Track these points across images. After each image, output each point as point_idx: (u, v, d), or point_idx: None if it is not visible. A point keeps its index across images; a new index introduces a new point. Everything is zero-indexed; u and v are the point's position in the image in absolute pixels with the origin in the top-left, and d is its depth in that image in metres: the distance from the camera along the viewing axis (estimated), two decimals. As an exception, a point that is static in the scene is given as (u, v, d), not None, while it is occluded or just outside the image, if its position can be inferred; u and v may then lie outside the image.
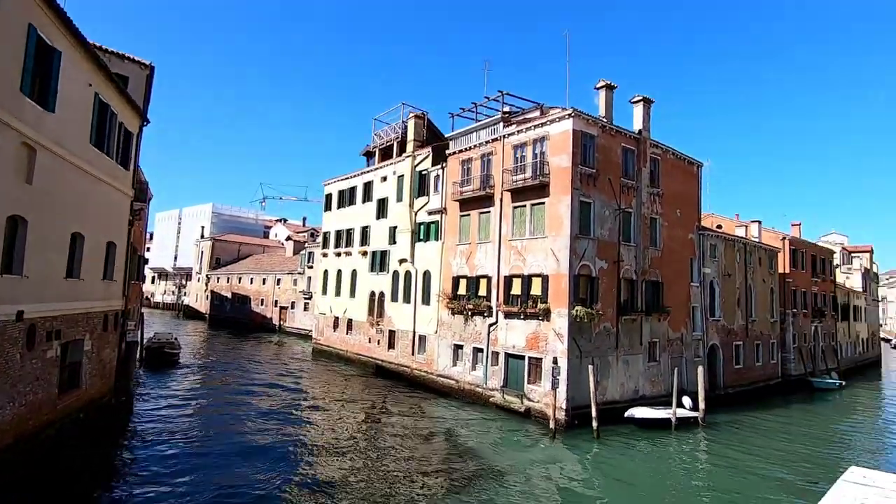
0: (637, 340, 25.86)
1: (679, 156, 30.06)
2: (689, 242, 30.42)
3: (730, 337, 33.03)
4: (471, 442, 20.15)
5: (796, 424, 27.38)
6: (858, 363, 55.16)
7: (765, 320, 37.38)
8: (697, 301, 30.42)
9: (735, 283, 34.10)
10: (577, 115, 23.75)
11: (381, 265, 36.45)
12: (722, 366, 31.80)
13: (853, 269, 61.03)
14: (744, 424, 25.76)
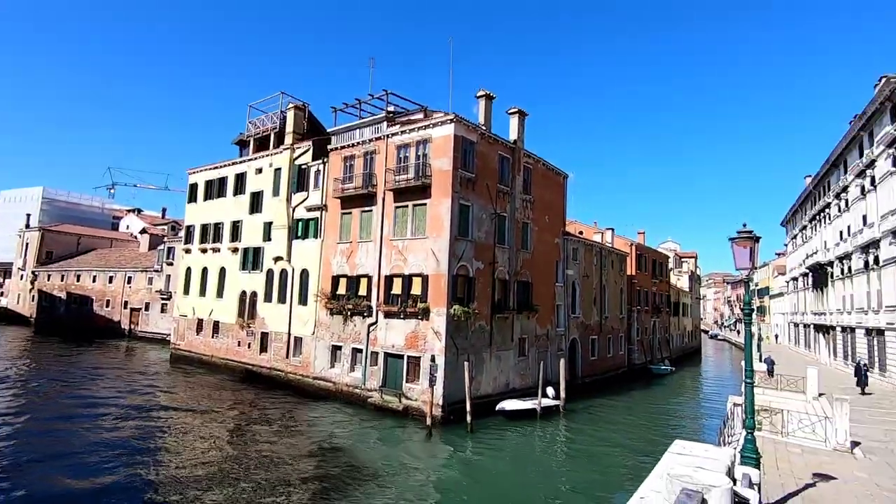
0: (509, 337, 27.56)
1: (549, 166, 32.71)
2: (556, 246, 33.27)
3: (587, 332, 36.81)
4: (347, 444, 19.73)
5: (638, 406, 31.44)
6: (685, 351, 65.24)
7: (615, 316, 42.33)
8: (561, 300, 33.39)
9: (592, 284, 38.11)
10: (458, 120, 24.59)
11: (255, 263, 34.06)
12: (580, 358, 35.31)
13: (683, 272, 71.98)
14: (597, 409, 28.86)
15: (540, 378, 26.37)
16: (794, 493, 8.51)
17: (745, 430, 8.01)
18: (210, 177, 39.20)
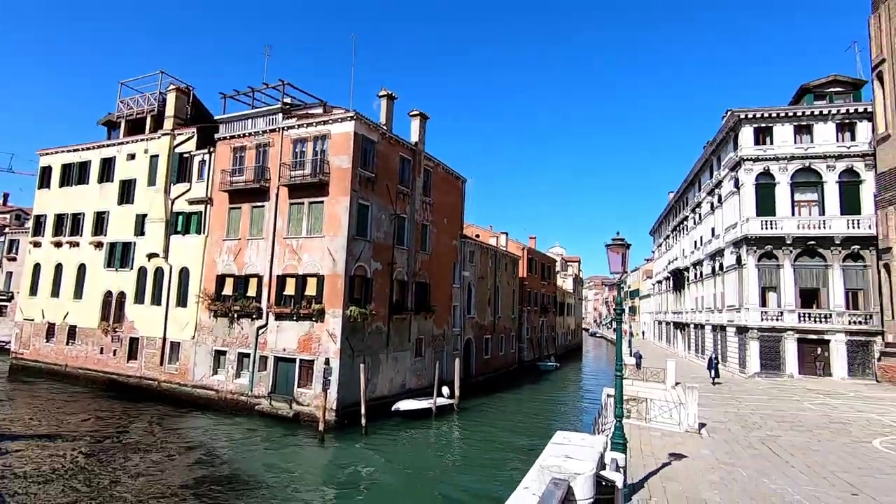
0: (406, 338, 27.63)
1: (448, 170, 33.44)
2: (453, 248, 34.09)
3: (482, 331, 38.21)
4: (230, 455, 18.34)
5: (527, 400, 33.33)
6: (569, 348, 70.60)
7: (508, 317, 44.48)
8: (458, 300, 34.28)
9: (487, 285, 39.66)
10: (359, 118, 24.14)
11: (124, 260, 30.35)
12: (475, 357, 36.54)
13: (568, 275, 77.83)
14: (490, 405, 30.06)
15: (435, 378, 26.81)
16: (653, 472, 9.59)
17: (615, 418, 8.86)
18: (68, 160, 34.20)
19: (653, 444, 12.07)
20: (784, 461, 10.68)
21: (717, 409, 17.16)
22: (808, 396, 20.44)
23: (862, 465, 10.34)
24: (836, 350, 26.53)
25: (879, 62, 25.86)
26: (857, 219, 26.94)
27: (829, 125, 28.25)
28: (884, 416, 16.01)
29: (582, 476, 3.00)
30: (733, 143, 30.40)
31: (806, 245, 27.50)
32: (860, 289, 26.99)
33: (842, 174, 27.71)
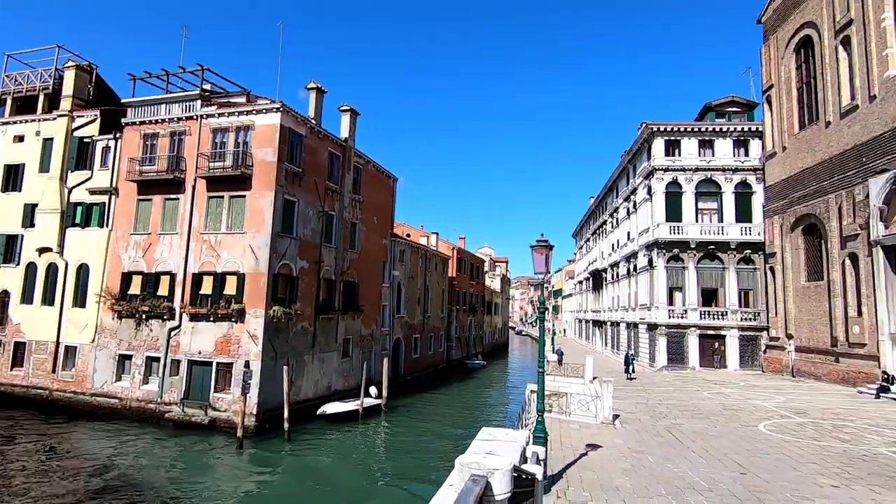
0: (333, 338, 26.94)
1: (379, 168, 33.05)
2: (383, 247, 33.75)
3: (411, 331, 38.16)
4: (134, 469, 16.86)
5: (455, 398, 33.74)
6: (495, 346, 72.42)
7: (437, 316, 44.79)
8: (387, 300, 33.99)
9: (417, 285, 39.68)
10: (286, 110, 23.18)
11: (8, 255, 26.97)
12: (404, 356, 36.42)
13: (496, 275, 79.82)
14: (418, 405, 30.08)
15: (363, 378, 26.36)
16: (572, 463, 10.07)
17: (537, 413, 9.20)
18: (-61, 139, 29.77)
19: (572, 436, 12.66)
20: (686, 447, 11.63)
21: (630, 401, 18.36)
22: (706, 386, 22.45)
23: (749, 447, 11.52)
24: (731, 344, 29.39)
25: (768, 87, 29.00)
26: (749, 226, 30.03)
27: (727, 141, 31.25)
28: (767, 402, 17.95)
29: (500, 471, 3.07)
30: (647, 154, 32.73)
31: (707, 249, 30.24)
32: (751, 289, 30.11)
33: (737, 185, 30.76)
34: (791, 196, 26.46)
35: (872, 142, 20.77)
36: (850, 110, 22.28)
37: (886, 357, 19.81)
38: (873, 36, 21.10)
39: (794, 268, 26.32)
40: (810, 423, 14.36)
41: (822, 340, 23.71)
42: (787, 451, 11.19)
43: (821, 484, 8.77)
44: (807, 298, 25.14)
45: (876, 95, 20.81)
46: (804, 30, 25.92)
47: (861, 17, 21.72)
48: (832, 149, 23.37)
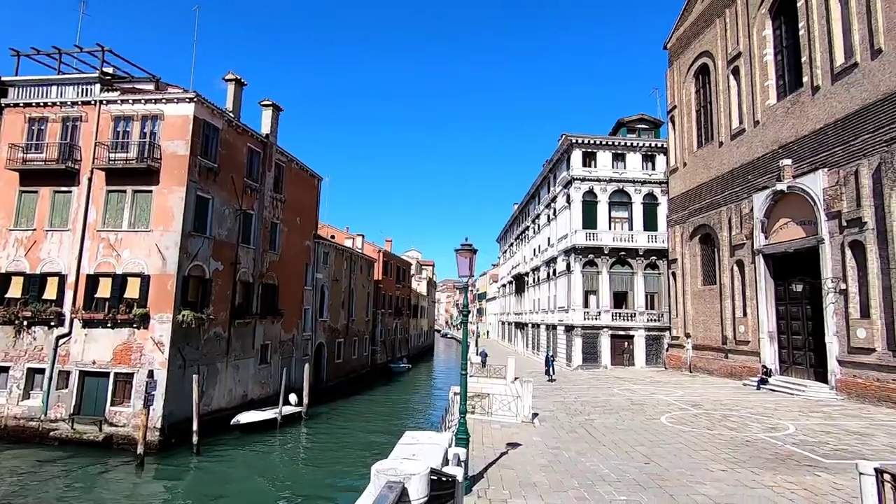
0: (250, 344, 25.55)
1: (303, 167, 31.93)
2: (306, 249, 32.61)
3: (334, 335, 37.17)
4: (14, 496, 14.84)
5: (379, 403, 33.30)
6: (420, 349, 72.55)
7: (361, 319, 44.02)
8: (309, 303, 32.86)
9: (341, 287, 38.76)
10: (200, 100, 21.71)
11: None
12: (326, 361, 35.37)
13: (423, 278, 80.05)
14: (341, 411, 29.32)
15: (282, 385, 25.25)
16: (493, 462, 10.30)
17: (460, 414, 9.30)
18: None
19: (493, 435, 12.95)
20: (597, 441, 12.33)
21: (548, 400, 19.16)
22: (617, 383, 24.00)
23: (653, 439, 12.45)
24: (638, 344, 31.69)
25: (672, 108, 31.73)
26: (655, 234, 32.60)
27: (637, 155, 33.76)
28: (668, 396, 19.54)
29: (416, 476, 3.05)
30: (567, 164, 34.49)
31: (619, 255, 32.41)
32: (656, 292, 32.68)
33: (645, 197, 33.30)
34: (690, 208, 29.09)
35: (756, 161, 23.40)
36: (739, 133, 24.96)
37: (765, 353, 22.35)
38: (757, 68, 23.83)
39: (692, 273, 28.94)
40: (704, 413, 15.81)
41: (714, 339, 26.24)
42: (685, 440, 12.23)
43: (712, 469, 9.67)
44: (702, 301, 27.74)
45: (759, 121, 23.49)
46: (702, 58, 28.68)
47: (748, 51, 24.45)
48: (724, 167, 26.03)
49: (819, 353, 19.62)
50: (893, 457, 10.27)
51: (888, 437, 12.15)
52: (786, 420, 14.46)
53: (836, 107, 18.90)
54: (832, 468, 9.58)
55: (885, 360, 16.34)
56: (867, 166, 17.26)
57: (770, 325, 22.41)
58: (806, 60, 20.61)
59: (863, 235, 17.27)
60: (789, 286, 21.46)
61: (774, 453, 10.80)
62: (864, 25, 17.82)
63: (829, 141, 19.07)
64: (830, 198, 18.71)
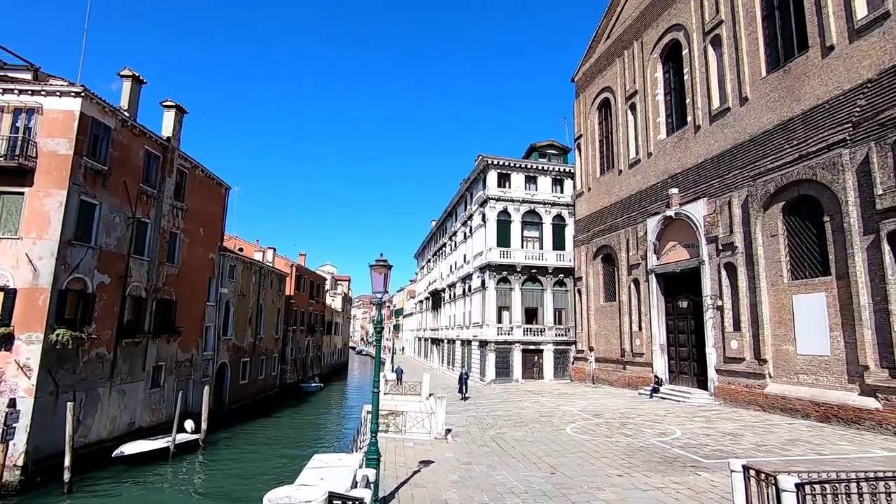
0: (139, 366, 23.13)
1: (209, 174, 29.93)
2: (210, 262, 30.41)
3: (239, 354, 34.80)
4: None
5: (287, 426, 31.52)
6: (334, 367, 70.18)
7: (270, 337, 41.72)
8: (212, 320, 30.54)
9: (249, 303, 36.53)
10: (89, 96, 19.64)
11: None
12: (230, 383, 32.94)
13: (337, 294, 77.91)
14: (244, 436, 27.33)
15: (177, 410, 23.05)
16: (405, 481, 10.13)
17: (371, 434, 9.07)
18: None
19: (406, 454, 12.77)
20: (507, 454, 12.63)
21: (462, 415, 19.33)
22: (527, 396, 24.86)
23: (559, 449, 13.01)
24: (547, 358, 33.17)
25: (579, 136, 34.16)
26: (563, 253, 34.58)
27: (547, 178, 35.79)
28: (573, 407, 20.60)
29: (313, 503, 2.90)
30: (483, 184, 35.65)
31: (530, 272, 33.91)
32: (563, 308, 34.53)
33: (554, 218, 35.30)
34: (593, 229, 31.30)
35: (650, 189, 25.81)
36: (635, 163, 27.42)
37: (657, 364, 24.41)
38: (650, 106, 26.46)
39: (596, 290, 31.01)
40: (604, 422, 16.85)
41: (614, 352, 28.20)
42: (587, 448, 12.92)
43: (610, 475, 10.29)
44: (604, 316, 29.76)
45: (652, 153, 26.01)
46: (604, 93, 31.30)
47: (643, 90, 27.09)
48: (623, 193, 28.39)
49: (701, 363, 21.81)
50: (760, 454, 11.61)
51: (755, 437, 13.73)
52: (674, 425, 15.83)
53: (713, 144, 21.47)
54: (711, 467, 10.60)
55: (752, 367, 18.55)
56: (738, 197, 19.73)
57: (661, 338, 24.55)
58: (690, 102, 23.26)
59: (735, 258, 19.62)
60: (677, 303, 23.72)
61: (664, 457, 11.75)
62: (735, 76, 20.55)
63: (708, 174, 21.58)
64: (709, 224, 21.10)
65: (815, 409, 15.82)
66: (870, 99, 14.91)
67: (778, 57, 18.89)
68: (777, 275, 18.02)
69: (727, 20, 21.07)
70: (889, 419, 13.68)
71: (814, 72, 16.93)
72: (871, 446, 12.45)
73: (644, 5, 27.25)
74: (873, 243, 14.54)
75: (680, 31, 24.21)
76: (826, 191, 16.21)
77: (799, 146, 17.17)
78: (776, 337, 17.80)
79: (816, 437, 13.49)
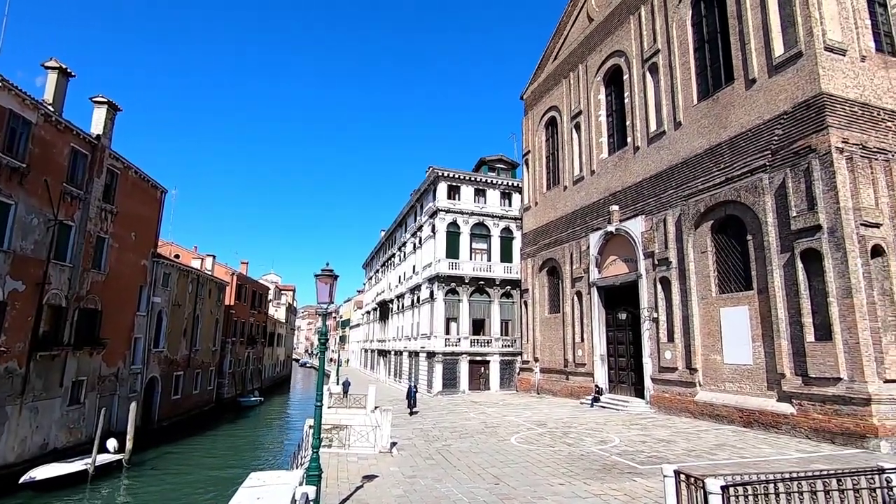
0: (57, 381, 21.23)
1: (143, 176, 28.24)
2: (142, 269, 28.58)
3: (171, 367, 32.76)
4: None
5: (223, 443, 29.87)
6: (277, 380, 67.54)
7: (207, 349, 39.61)
8: (142, 331, 28.61)
9: (184, 314, 34.56)
10: (7, 86, 18.07)
11: None
12: (160, 398, 30.88)
13: (281, 304, 75.37)
14: (174, 455, 25.62)
15: (98, 430, 21.29)
16: (347, 498, 9.84)
17: (312, 449, 8.76)
18: None
19: (349, 469, 12.43)
20: (453, 466, 12.58)
21: (407, 428, 19.10)
22: (473, 408, 24.95)
23: (503, 459, 13.12)
24: (494, 368, 33.52)
25: (527, 152, 35.15)
26: (510, 266, 35.25)
27: (496, 192, 36.50)
28: (518, 418, 20.89)
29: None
30: (433, 195, 35.84)
31: (478, 284, 34.28)
32: (510, 319, 35.12)
33: (502, 231, 35.99)
34: (540, 243, 32.16)
35: (592, 206, 26.90)
36: (579, 180, 28.53)
37: (598, 374, 25.27)
38: (594, 126, 27.70)
39: (541, 302, 31.78)
40: (547, 432, 17.18)
41: (558, 362, 28.93)
42: (530, 458, 13.11)
43: (552, 483, 10.48)
44: (549, 328, 30.52)
45: (595, 171, 27.17)
46: (551, 111, 32.46)
47: (587, 111, 28.33)
48: (567, 208, 29.42)
49: (638, 372, 22.80)
50: (690, 459, 12.23)
51: (686, 443, 14.46)
52: (613, 433, 16.39)
53: (650, 165, 22.74)
54: (646, 473, 11.04)
55: (683, 377, 19.60)
56: (672, 215, 20.95)
57: (602, 349, 25.47)
58: (630, 124, 24.55)
59: (669, 272, 20.76)
60: (617, 315, 24.73)
61: (603, 464, 12.12)
62: (670, 102, 21.93)
63: (646, 193, 22.79)
64: (646, 240, 22.24)
65: (739, 415, 16.90)
66: (786, 129, 16.35)
67: (708, 86, 20.37)
68: (706, 289, 19.22)
69: (663, 50, 22.52)
70: (802, 423, 14.83)
71: (739, 102, 18.37)
72: (787, 448, 13.43)
73: (589, 31, 28.64)
74: (789, 261, 15.84)
75: (621, 58, 25.59)
76: (749, 211, 17.54)
77: (725, 170, 18.51)
78: (705, 347, 18.93)
79: (740, 442, 14.40)
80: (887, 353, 13.84)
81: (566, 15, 31.34)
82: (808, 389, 14.85)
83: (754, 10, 17.92)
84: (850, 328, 14.00)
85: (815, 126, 15.34)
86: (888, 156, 15.51)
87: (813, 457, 12.39)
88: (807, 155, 15.51)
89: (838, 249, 14.46)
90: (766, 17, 17.38)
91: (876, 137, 15.52)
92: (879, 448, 12.86)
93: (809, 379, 14.85)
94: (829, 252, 14.62)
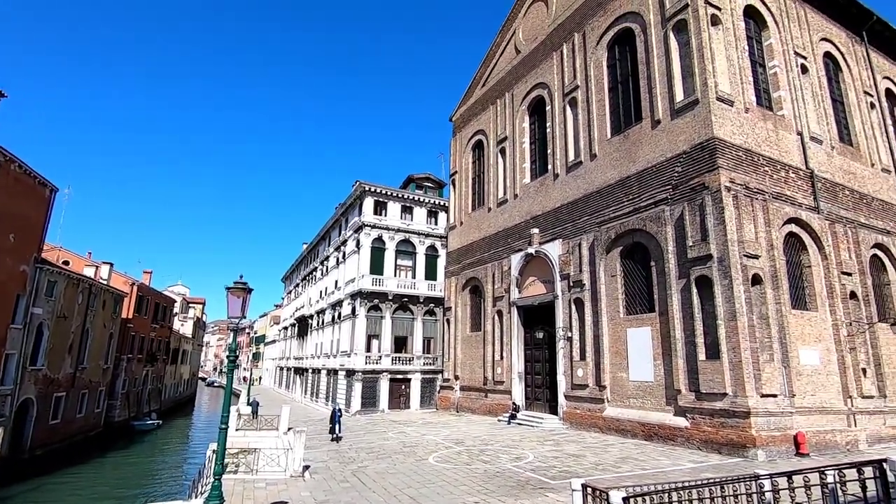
0: None
1: (28, 171, 25.22)
2: (21, 275, 25.29)
3: (51, 388, 29.04)
4: None
5: (110, 473, 26.80)
6: (178, 401, 62.09)
7: (97, 367, 35.65)
8: (16, 346, 25.17)
9: (71, 327, 30.93)
10: None
11: None
12: (34, 423, 27.18)
13: (188, 318, 69.95)
14: (50, 488, 22.56)
15: (-48, 462, 18.27)
16: (251, 529, 9.17)
17: (214, 476, 8.11)
18: None
19: (256, 496, 11.65)
20: (368, 488, 12.22)
21: (322, 449, 18.33)
22: (392, 427, 24.52)
23: (420, 480, 12.96)
24: (415, 387, 33.26)
25: (454, 173, 35.90)
26: (434, 283, 35.47)
27: (423, 210, 36.78)
28: (437, 436, 20.82)
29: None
30: (359, 210, 35.37)
31: (402, 301, 34.08)
32: (432, 337, 35.18)
33: (428, 248, 36.22)
34: (464, 262, 32.74)
35: (514, 228, 27.93)
36: (503, 202, 29.57)
37: (515, 391, 25.94)
38: (518, 152, 28.96)
39: (463, 320, 32.21)
40: (465, 450, 17.27)
41: (478, 380, 29.34)
42: (448, 477, 13.08)
43: (468, 502, 10.51)
44: (470, 345, 30.95)
45: (517, 195, 28.31)
46: (479, 135, 33.53)
47: (512, 137, 29.60)
48: (491, 229, 30.30)
49: (553, 389, 23.71)
50: (597, 472, 12.85)
51: (594, 457, 15.20)
52: (527, 450, 16.83)
53: (568, 192, 24.12)
54: (557, 488, 11.42)
55: (594, 393, 20.67)
56: (586, 240, 22.29)
57: (520, 366, 26.23)
58: (551, 152, 25.96)
59: (582, 294, 21.97)
60: (535, 333, 25.65)
61: (517, 481, 12.38)
62: (587, 135, 23.53)
63: (563, 218, 24.10)
64: (563, 262, 23.43)
65: (641, 429, 18.08)
66: (684, 167, 18.13)
67: (620, 123, 22.14)
68: (615, 310, 20.56)
69: (582, 86, 24.21)
70: (695, 435, 16.18)
71: (646, 139, 20.13)
72: (682, 459, 14.56)
73: (516, 62, 30.12)
74: (686, 286, 17.42)
75: (544, 90, 27.14)
76: (653, 240, 19.12)
77: (634, 200, 20.10)
78: (613, 365, 20.15)
79: (642, 455, 15.38)
80: (763, 371, 15.56)
81: (495, 45, 32.78)
82: (700, 404, 16.27)
83: (660, 59, 19.88)
84: (735, 348, 15.60)
85: (708, 166, 17.18)
86: (765, 196, 17.70)
87: (702, 466, 13.52)
88: (701, 191, 17.28)
89: (725, 277, 16.14)
90: (669, 66, 19.32)
91: (756, 179, 17.67)
92: (757, 456, 14.32)
93: (701, 394, 16.28)
94: (719, 279, 16.28)
